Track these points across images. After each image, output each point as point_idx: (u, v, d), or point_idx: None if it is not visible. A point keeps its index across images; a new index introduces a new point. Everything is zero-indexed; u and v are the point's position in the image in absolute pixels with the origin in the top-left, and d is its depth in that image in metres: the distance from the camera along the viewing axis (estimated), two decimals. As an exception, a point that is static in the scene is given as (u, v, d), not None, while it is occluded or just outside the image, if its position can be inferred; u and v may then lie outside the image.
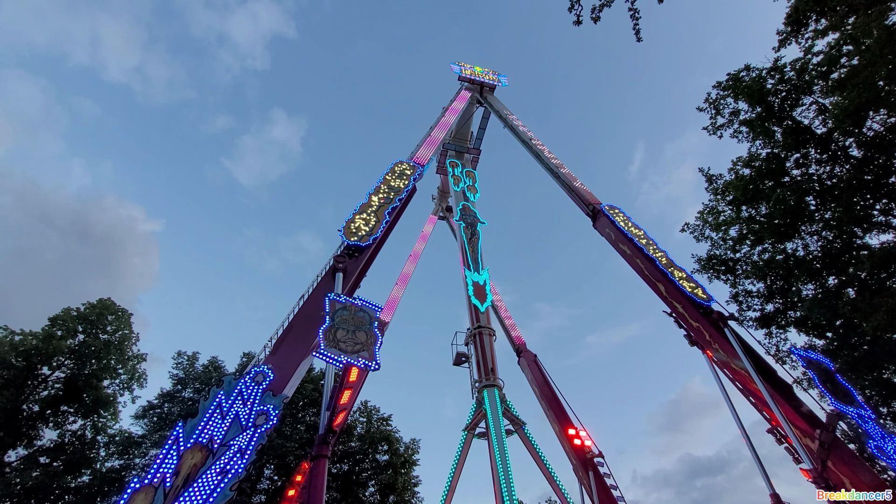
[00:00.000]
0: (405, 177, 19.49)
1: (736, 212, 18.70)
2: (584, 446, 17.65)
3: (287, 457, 24.17)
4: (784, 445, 15.25)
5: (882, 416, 19.99)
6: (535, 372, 22.30)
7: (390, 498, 27.74)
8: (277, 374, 10.46)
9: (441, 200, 36.30)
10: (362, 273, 15.78)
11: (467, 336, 24.71)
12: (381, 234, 16.68)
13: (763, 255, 18.26)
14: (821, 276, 17.35)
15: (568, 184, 23.00)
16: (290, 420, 27.26)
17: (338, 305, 10.31)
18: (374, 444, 28.96)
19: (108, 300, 26.39)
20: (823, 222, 16.75)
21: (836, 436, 12.10)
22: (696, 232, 22.13)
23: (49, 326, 23.39)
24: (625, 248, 20.04)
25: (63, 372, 24.15)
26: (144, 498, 7.51)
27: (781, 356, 21.11)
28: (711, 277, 22.48)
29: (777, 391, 13.99)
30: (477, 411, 20.89)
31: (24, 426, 22.90)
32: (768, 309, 21.90)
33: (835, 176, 15.86)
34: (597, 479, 16.30)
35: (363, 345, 9.80)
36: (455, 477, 19.76)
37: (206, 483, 7.91)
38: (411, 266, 29.14)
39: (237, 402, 9.42)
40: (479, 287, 24.93)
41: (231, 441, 8.69)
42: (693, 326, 17.01)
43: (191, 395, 26.50)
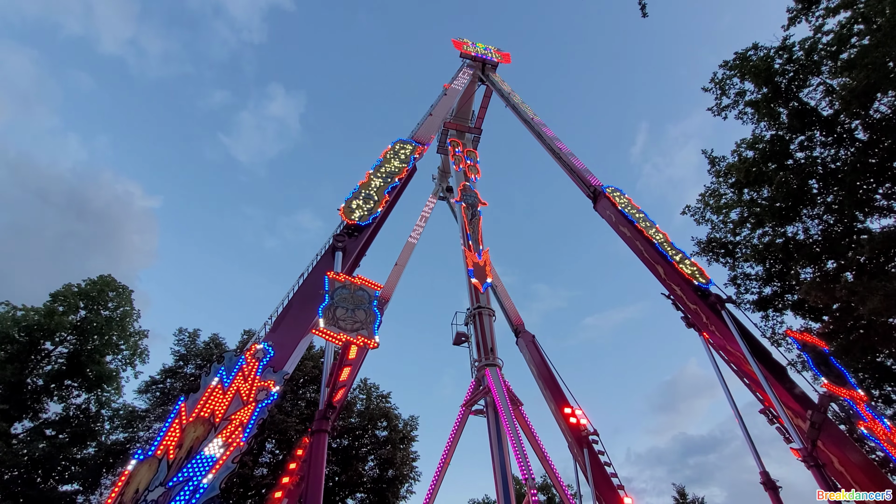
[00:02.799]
0: (405, 156, 19.30)
1: (738, 195, 18.59)
2: (579, 425, 17.97)
3: (288, 432, 24.66)
4: (776, 426, 15.56)
5: (874, 398, 20.32)
6: (534, 352, 22.53)
7: (389, 472, 28.43)
8: (278, 351, 10.57)
9: (441, 181, 36.06)
10: (362, 252, 15.78)
11: (467, 316, 24.92)
12: (381, 213, 16.61)
13: (763, 239, 18.25)
14: (820, 260, 17.37)
15: (569, 165, 22.80)
16: (291, 396, 27.72)
17: (337, 284, 10.33)
18: (374, 421, 29.52)
19: (108, 277, 26.47)
20: (825, 206, 16.68)
21: (827, 416, 12.33)
22: (697, 215, 22.07)
23: (51, 302, 23.54)
24: (625, 231, 20.02)
25: (66, 347, 24.41)
26: (149, 468, 7.68)
27: (777, 339, 21.34)
28: (710, 260, 22.53)
29: (771, 373, 14.19)
30: (476, 389, 21.20)
31: (29, 399, 23.29)
32: (766, 292, 22.02)
33: (839, 159, 15.71)
34: (591, 457, 16.65)
35: (362, 323, 9.87)
36: (450, 452, 20.20)
37: (210, 455, 8.07)
38: (411, 246, 29.15)
39: (238, 377, 9.55)
40: (479, 268, 24.97)
41: (232, 415, 8.84)
42: (691, 309, 17.12)
43: (192, 370, 26.86)
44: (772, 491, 14.30)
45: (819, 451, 11.95)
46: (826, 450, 12.18)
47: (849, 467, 11.95)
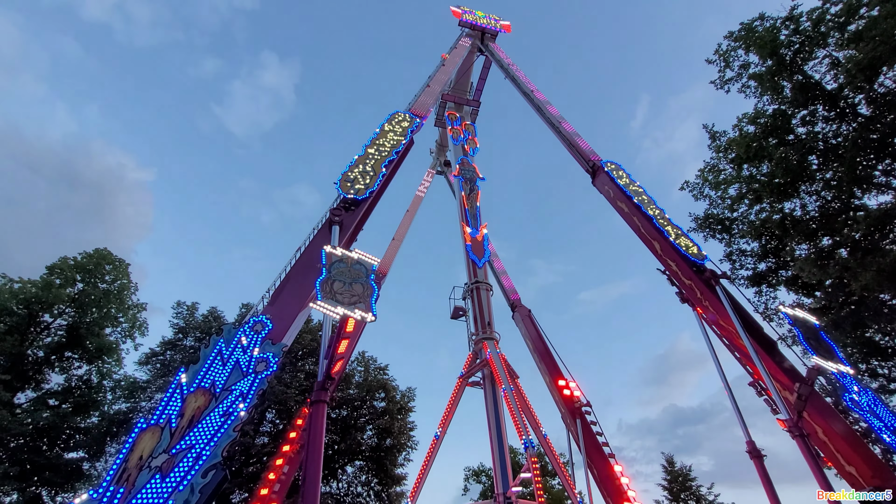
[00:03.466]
0: (402, 129, 19.00)
1: (737, 170, 18.49)
2: (572, 396, 18.40)
3: (288, 402, 25.16)
4: (763, 398, 15.99)
5: (861, 372, 20.83)
6: (529, 326, 22.82)
7: (387, 441, 29.23)
8: (276, 324, 10.67)
9: (439, 154, 35.62)
10: (359, 226, 15.73)
11: (465, 291, 25.11)
12: (378, 187, 16.47)
13: (760, 215, 18.27)
14: (815, 237, 17.45)
15: (568, 139, 22.53)
16: (290, 368, 28.16)
17: (335, 257, 10.34)
18: (372, 392, 30.13)
19: (104, 250, 26.37)
20: (824, 182, 16.64)
21: (814, 389, 12.66)
22: (696, 190, 22.01)
23: (47, 275, 23.52)
24: (623, 206, 19.98)
25: (65, 319, 24.54)
26: (152, 437, 7.86)
27: (769, 314, 21.67)
28: (707, 236, 22.62)
29: (762, 347, 14.47)
30: (473, 362, 21.58)
31: (30, 371, 23.58)
32: (760, 268, 22.22)
33: (840, 135, 15.57)
34: (584, 427, 17.11)
35: (360, 297, 9.94)
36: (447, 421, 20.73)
37: (211, 424, 8.25)
38: (409, 220, 29.05)
39: (237, 349, 9.66)
40: (476, 243, 25.00)
41: (232, 386, 8.99)
42: (685, 284, 17.30)
43: (192, 343, 27.14)
44: (756, 459, 14.81)
45: (804, 421, 12.32)
46: (811, 420, 12.57)
47: (832, 437, 12.36)
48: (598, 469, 16.35)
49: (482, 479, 42.23)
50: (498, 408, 19.99)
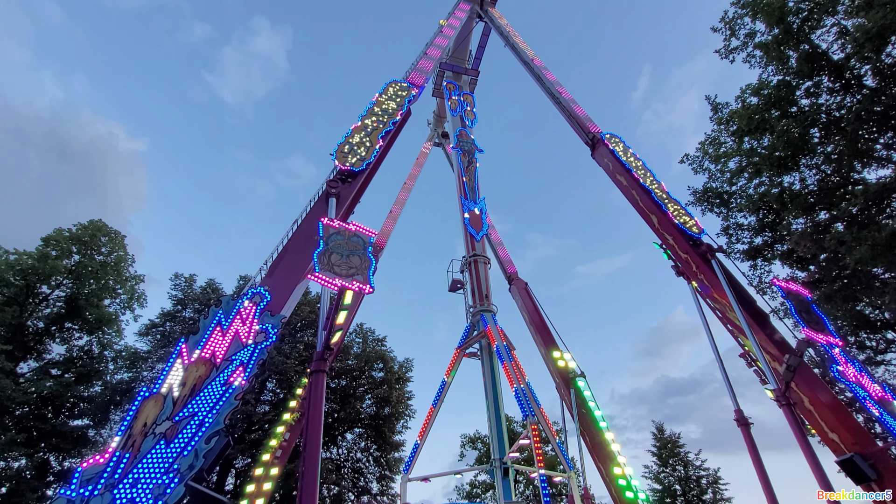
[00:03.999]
0: (399, 99, 18.60)
1: (738, 143, 18.30)
2: (567, 367, 18.80)
3: (288, 372, 25.62)
4: (753, 369, 16.39)
5: (849, 344, 21.29)
6: (526, 299, 23.05)
7: (385, 409, 29.99)
8: (274, 296, 10.73)
9: (437, 126, 35.01)
10: (356, 198, 15.61)
11: (462, 264, 25.22)
12: (375, 159, 16.25)
13: (759, 189, 18.21)
14: (813, 211, 17.47)
15: (568, 110, 22.14)
16: (289, 339, 28.53)
17: (332, 230, 10.30)
18: (370, 363, 30.68)
19: (99, 222, 26.18)
20: (824, 156, 16.51)
21: (803, 360, 12.96)
22: (695, 164, 21.84)
23: (43, 247, 23.40)
24: (621, 179, 19.86)
25: (63, 291, 24.60)
26: (154, 405, 8.02)
27: (763, 287, 21.92)
28: (705, 210, 22.60)
29: (754, 320, 14.72)
30: (470, 333, 21.88)
31: (31, 341, 23.81)
32: (756, 242, 22.33)
33: (843, 107, 15.34)
34: (577, 396, 17.55)
35: (357, 269, 9.95)
36: (445, 390, 21.20)
37: (212, 392, 8.41)
38: (406, 193, 28.82)
39: (236, 320, 9.75)
40: (475, 216, 24.93)
41: (233, 356, 9.12)
42: (682, 258, 17.41)
43: (191, 314, 27.35)
44: (744, 427, 15.30)
45: (791, 391, 12.67)
46: (798, 390, 12.91)
47: (817, 406, 12.73)
48: (590, 436, 16.88)
49: (478, 445, 43.56)
50: (495, 378, 20.42)
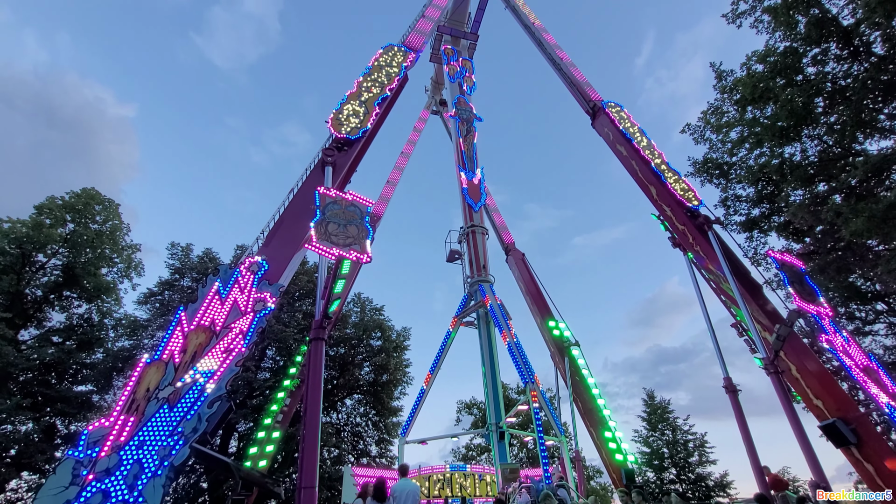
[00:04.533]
0: (396, 64, 18.08)
1: (740, 112, 18.00)
2: (562, 336, 19.16)
3: (287, 340, 25.98)
4: (744, 338, 16.74)
5: (839, 315, 21.68)
6: (523, 270, 23.24)
7: (384, 376, 30.63)
8: (272, 265, 10.76)
9: (434, 93, 34.18)
10: (352, 167, 15.42)
11: (460, 234, 25.20)
12: (372, 126, 15.96)
13: (759, 160, 18.06)
14: (812, 183, 17.40)
15: (570, 77, 21.65)
16: (288, 308, 28.77)
17: (328, 199, 10.22)
18: (368, 332, 31.09)
19: (92, 190, 25.83)
20: (827, 126, 16.29)
21: (793, 330, 13.24)
22: (696, 134, 21.54)
23: (36, 215, 23.17)
24: (621, 149, 19.64)
25: (59, 259, 24.53)
26: (156, 371, 8.16)
27: (758, 259, 22.10)
28: (704, 181, 22.48)
29: (747, 290, 14.93)
30: (468, 303, 22.12)
31: (31, 309, 23.93)
32: (754, 214, 22.34)
33: (850, 75, 15.02)
34: (570, 364, 17.99)
35: (355, 238, 9.94)
36: (442, 357, 21.63)
37: (213, 359, 8.55)
38: (403, 162, 28.44)
39: (234, 289, 9.81)
40: (473, 186, 24.73)
41: (232, 324, 9.22)
42: (679, 229, 17.46)
43: (189, 283, 27.43)
44: (732, 394, 15.79)
45: (780, 360, 13.01)
46: (786, 359, 13.25)
47: (804, 374, 13.10)
48: (582, 402, 17.40)
49: (473, 411, 44.85)
50: (492, 346, 20.79)
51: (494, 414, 19.10)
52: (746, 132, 17.72)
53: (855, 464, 11.63)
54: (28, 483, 21.94)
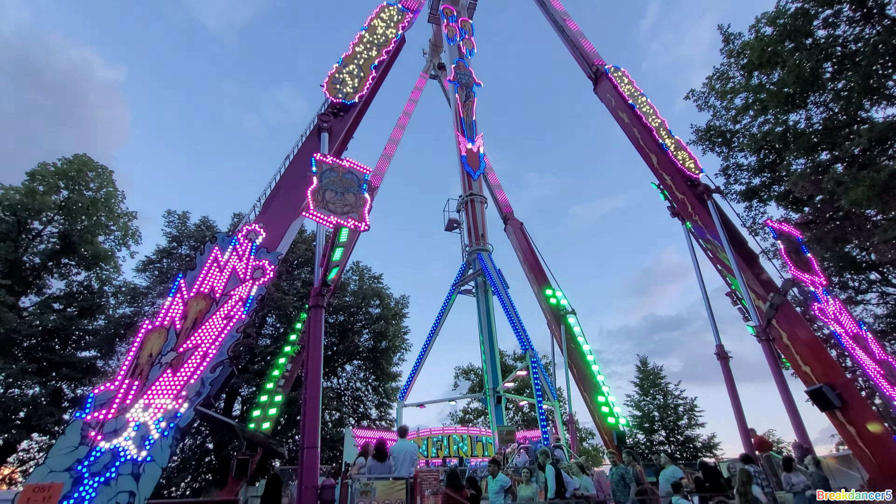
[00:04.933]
0: (393, 25, 17.44)
1: (746, 78, 17.57)
2: (558, 304, 19.40)
3: (287, 308, 26.26)
4: (738, 307, 17.00)
5: (833, 284, 21.93)
6: (521, 238, 23.22)
7: (382, 343, 31.17)
8: (269, 233, 10.73)
9: (433, 56, 33.13)
10: (349, 134, 15.14)
11: (459, 203, 25.04)
12: (368, 91, 15.57)
13: (763, 127, 17.77)
14: (815, 151, 17.21)
15: (573, 40, 20.97)
16: (287, 277, 28.92)
17: (325, 166, 10.08)
18: (367, 300, 31.39)
19: (84, 156, 25.39)
20: (834, 92, 15.95)
21: (787, 299, 13.43)
22: (701, 100, 21.09)
23: (29, 181, 22.86)
24: (623, 116, 19.27)
25: (55, 227, 24.39)
26: (158, 337, 8.27)
27: (756, 228, 22.14)
28: (706, 150, 22.22)
29: (744, 259, 15.04)
30: (466, 271, 22.25)
31: (30, 276, 24.00)
32: (755, 183, 22.20)
33: (861, 39, 14.56)
34: (566, 332, 18.30)
35: (352, 206, 9.88)
36: (440, 324, 21.96)
37: (214, 325, 8.65)
38: (399, 133, 27.85)
39: (233, 256, 9.81)
40: (472, 154, 24.38)
41: (231, 291, 9.28)
42: (678, 198, 17.38)
43: (187, 251, 27.42)
44: (723, 360, 16.18)
45: (772, 328, 13.25)
46: (778, 327, 13.49)
47: (795, 342, 13.37)
48: (577, 368, 17.81)
49: (471, 376, 45.97)
50: (490, 314, 21.06)
51: (492, 379, 19.58)
52: (751, 98, 17.36)
53: (838, 426, 12.06)
54: (39, 444, 22.67)
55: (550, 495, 8.32)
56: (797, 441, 11.28)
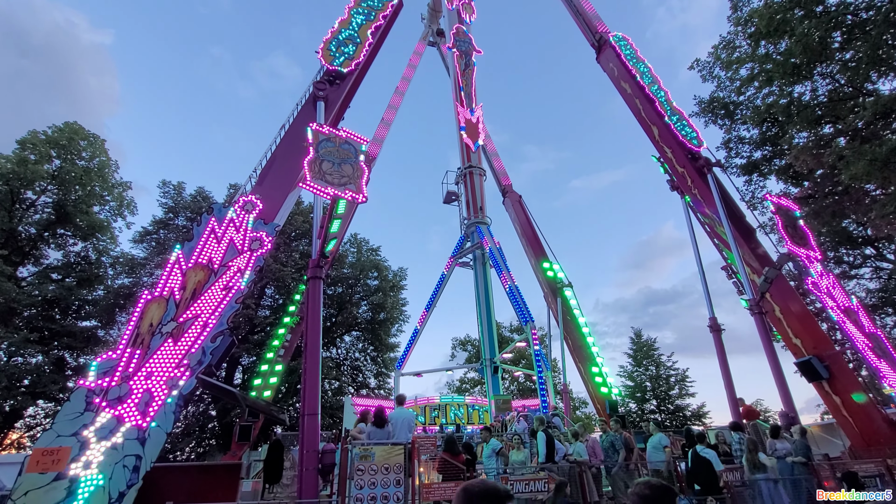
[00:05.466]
0: (390, -13, 16.77)
1: (753, 47, 17.13)
2: (555, 277, 19.55)
3: (285, 280, 26.40)
4: (733, 280, 17.18)
5: (828, 259, 22.11)
6: (519, 212, 23.16)
7: (381, 315, 31.52)
8: (266, 204, 10.65)
9: (431, 21, 32.02)
10: (346, 103, 14.82)
11: (458, 175, 24.81)
12: (365, 58, 15.14)
13: (767, 99, 17.47)
14: (818, 124, 16.99)
15: (576, 4, 20.30)
16: (285, 248, 28.93)
17: (321, 136, 9.90)
18: (365, 272, 31.54)
19: (75, 124, 24.86)
20: (841, 63, 15.61)
21: (781, 273, 13.56)
22: (705, 70, 20.62)
23: (20, 150, 22.46)
24: (626, 87, 18.89)
25: (49, 197, 24.14)
26: (158, 307, 8.33)
27: (754, 202, 22.11)
28: (708, 122, 21.91)
29: (741, 234, 15.09)
30: (464, 244, 22.30)
31: (26, 246, 23.92)
32: (756, 156, 22.01)
33: (873, 7, 14.13)
34: (562, 304, 18.52)
35: (350, 178, 9.77)
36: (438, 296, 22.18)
37: (213, 296, 8.71)
38: (397, 100, 27.21)
39: (230, 228, 9.77)
40: (471, 125, 24.00)
41: (230, 262, 9.29)
42: (678, 172, 17.26)
43: (183, 222, 27.29)
44: (715, 332, 16.48)
45: (765, 301, 13.43)
46: (772, 300, 13.68)
47: (787, 315, 13.60)
48: (573, 339, 18.12)
49: (468, 347, 46.77)
50: (488, 286, 21.23)
51: (489, 350, 19.94)
52: (757, 69, 16.98)
53: (824, 396, 12.42)
54: (45, 410, 23.18)
55: (541, 460, 8.65)
56: (784, 410, 11.64)
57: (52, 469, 6.50)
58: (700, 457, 8.13)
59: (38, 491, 6.34)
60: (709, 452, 8.19)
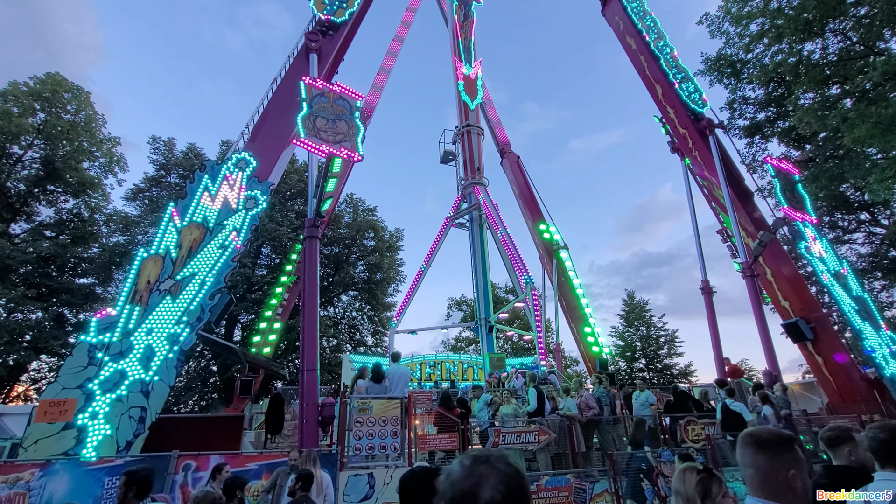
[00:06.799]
0: (386, -72, 15.72)
1: (765, 1, 16.42)
2: (551, 239, 19.63)
3: (281, 239, 26.33)
4: (727, 244, 17.32)
5: (823, 224, 22.20)
6: (517, 172, 22.89)
7: (377, 275, 31.76)
8: (260, 162, 10.45)
9: (429, -32, 30.24)
10: (339, 55, 14.25)
11: (455, 134, 24.29)
12: (359, 7, 14.42)
13: (775, 57, 16.92)
14: (825, 85, 16.58)
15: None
16: (280, 208, 28.67)
17: (315, 91, 9.56)
18: (361, 232, 31.47)
19: (58, 75, 23.84)
20: (855, 19, 15.03)
21: (776, 237, 13.65)
22: (714, 25, 19.78)
23: (2, 101, 21.64)
24: (630, 42, 18.22)
25: (36, 152, 23.51)
26: (154, 265, 8.34)
27: (755, 165, 21.91)
28: (713, 81, 21.30)
29: (738, 197, 15.06)
30: (460, 205, 22.17)
31: (16, 203, 23.55)
32: (759, 117, 21.59)
33: (894, -41, 13.45)
34: (558, 266, 18.70)
35: (345, 135, 9.53)
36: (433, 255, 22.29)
37: (209, 254, 8.71)
38: (397, 46, 26.10)
39: (224, 186, 9.63)
40: (469, 81, 23.25)
41: (225, 221, 9.23)
42: (679, 133, 16.98)
43: (176, 180, 26.83)
44: (707, 295, 16.77)
45: (757, 264, 13.61)
46: (764, 264, 13.86)
47: (778, 278, 13.83)
48: (567, 301, 18.43)
49: (463, 307, 47.50)
50: (484, 247, 21.31)
51: (484, 309, 20.28)
52: (768, 25, 16.33)
53: (807, 357, 12.86)
54: (49, 364, 23.64)
55: (530, 410, 9.11)
56: (767, 369, 12.07)
57: (60, 419, 6.72)
58: (731, 410, 8.74)
59: (48, 440, 6.59)
60: (738, 405, 8.74)
